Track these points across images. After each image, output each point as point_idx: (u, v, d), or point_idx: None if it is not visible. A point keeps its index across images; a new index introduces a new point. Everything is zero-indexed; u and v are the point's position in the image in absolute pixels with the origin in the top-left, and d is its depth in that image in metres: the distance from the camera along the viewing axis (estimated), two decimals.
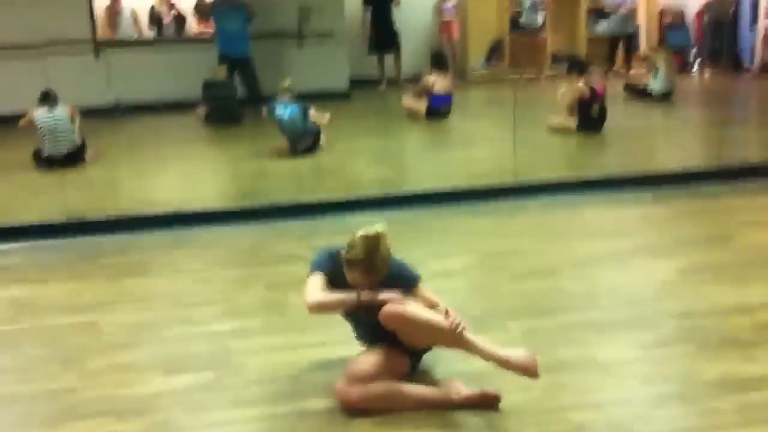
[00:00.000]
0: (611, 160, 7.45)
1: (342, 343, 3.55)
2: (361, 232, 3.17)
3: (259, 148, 8.09)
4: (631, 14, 12.53)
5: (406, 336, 3.20)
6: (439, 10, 12.52)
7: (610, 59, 12.57)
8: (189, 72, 10.61)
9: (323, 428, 3.04)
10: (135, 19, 11.91)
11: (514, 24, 12.69)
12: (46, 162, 7.71)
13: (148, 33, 11.96)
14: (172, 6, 12.10)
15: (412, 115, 9.49)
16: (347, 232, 3.26)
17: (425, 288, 3.33)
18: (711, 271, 4.46)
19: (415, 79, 12.19)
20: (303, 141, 7.83)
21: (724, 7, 12.44)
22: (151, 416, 3.20)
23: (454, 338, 3.08)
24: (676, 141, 8.12)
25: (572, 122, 8.30)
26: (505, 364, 3.09)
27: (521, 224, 5.60)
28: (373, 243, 3.14)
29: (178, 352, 3.75)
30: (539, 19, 12.68)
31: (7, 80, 10.66)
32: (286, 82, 8.21)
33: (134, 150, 8.58)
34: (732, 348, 3.53)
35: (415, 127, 9.13)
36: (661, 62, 9.95)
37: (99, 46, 10.92)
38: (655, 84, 9.92)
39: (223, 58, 10.12)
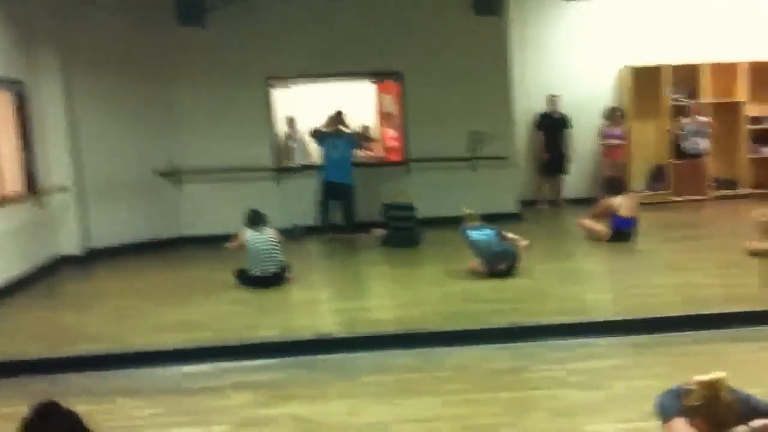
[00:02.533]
0: None
1: None
2: (697, 378, 3.12)
3: (452, 268, 8.15)
4: None
5: None
6: (604, 135, 12.66)
7: None
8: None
9: None
10: (305, 145, 12.50)
11: (677, 149, 12.65)
12: (252, 281, 7.97)
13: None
14: None
15: (591, 236, 9.45)
16: (587, 355, 3.16)
17: None
18: None
19: (579, 201, 12.39)
20: (500, 262, 7.85)
21: None
22: None
23: None
24: None
25: None
26: None
27: None
28: (711, 389, 3.07)
29: None
30: (702, 144, 12.59)
31: (192, 204, 11.39)
32: (469, 210, 8.38)
33: (328, 271, 8.78)
34: None
35: (603, 249, 9.03)
36: None
37: (279, 172, 11.49)
38: None
39: (326, 184, 10.48)
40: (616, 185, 9.79)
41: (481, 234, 8.00)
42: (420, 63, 11.53)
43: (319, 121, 11.26)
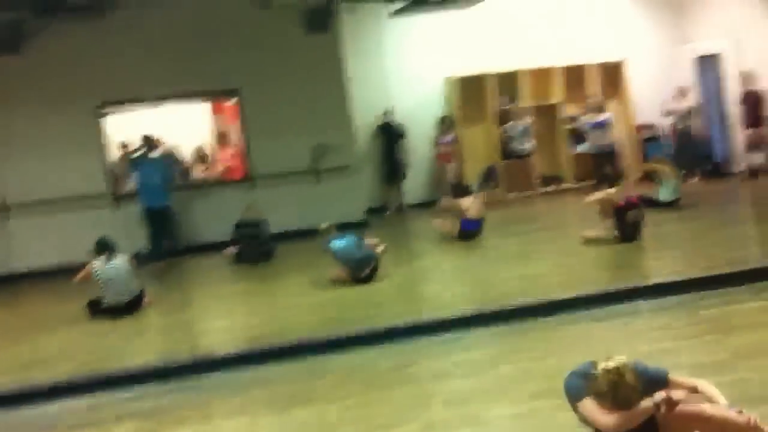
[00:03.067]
0: (667, 265, 7.74)
1: None
2: (601, 365, 3.27)
3: (313, 279, 8.18)
4: (606, 134, 13.31)
5: (680, 429, 3.26)
6: (437, 142, 13.19)
7: (599, 175, 13.25)
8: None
9: None
10: None
11: (506, 150, 13.38)
12: (105, 311, 7.59)
13: None
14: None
15: (444, 235, 9.79)
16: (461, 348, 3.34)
17: (676, 377, 3.46)
18: None
19: (420, 205, 12.83)
20: (364, 268, 7.96)
21: (688, 120, 13.54)
22: None
23: None
24: (729, 240, 8.41)
25: (608, 232, 8.66)
26: None
27: (637, 328, 5.81)
28: (616, 375, 3.22)
29: None
30: (528, 145, 13.40)
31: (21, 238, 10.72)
32: (324, 225, 8.48)
33: (184, 292, 8.54)
34: None
35: (453, 247, 9.37)
36: (667, 172, 10.61)
37: (116, 199, 11.03)
38: (665, 193, 10.52)
39: (146, 211, 10.24)
40: (462, 188, 10.22)
41: (343, 242, 8.07)
42: (257, 80, 11.49)
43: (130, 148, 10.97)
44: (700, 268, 6.94)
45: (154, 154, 10.58)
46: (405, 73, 13.37)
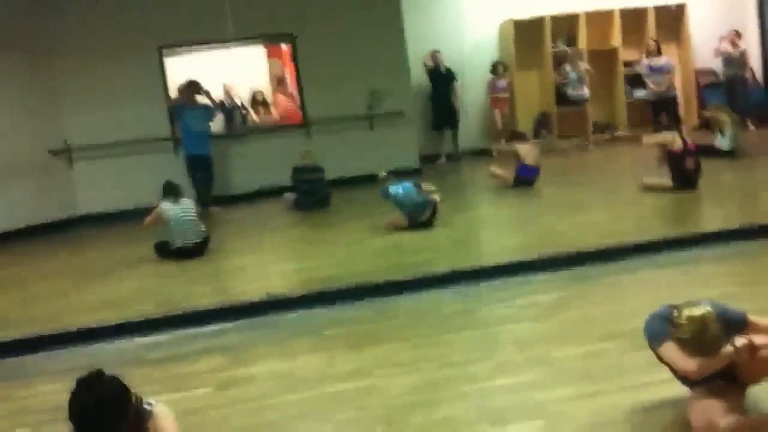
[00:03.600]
0: (727, 213, 7.72)
1: (659, 383, 3.75)
2: (686, 312, 3.31)
3: (372, 225, 8.31)
4: (666, 79, 13.12)
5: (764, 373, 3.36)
6: (491, 88, 13.12)
7: (656, 123, 13.10)
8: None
9: None
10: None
11: (561, 97, 13.25)
12: (176, 253, 7.83)
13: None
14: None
15: (501, 182, 9.84)
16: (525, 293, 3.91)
17: (755, 318, 3.52)
18: None
19: (474, 152, 12.85)
20: (422, 213, 8.09)
21: (737, 65, 13.27)
22: None
23: None
24: None
25: (667, 180, 8.63)
26: None
27: (702, 272, 5.86)
28: (701, 324, 3.27)
29: (490, 406, 3.90)
30: (584, 91, 13.25)
31: (87, 181, 11.06)
32: (383, 172, 8.58)
33: (248, 237, 8.76)
34: None
35: (510, 196, 9.43)
36: (727, 120, 10.48)
37: (178, 142, 11.23)
38: (724, 141, 10.41)
39: (189, 158, 10.44)
40: (518, 135, 10.25)
41: (401, 188, 8.19)
42: (312, 24, 11.56)
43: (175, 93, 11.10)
44: (760, 217, 6.93)
45: (200, 99, 10.66)
46: (461, 16, 13.32)
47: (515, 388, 4.08)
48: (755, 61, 13.90)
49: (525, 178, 9.71)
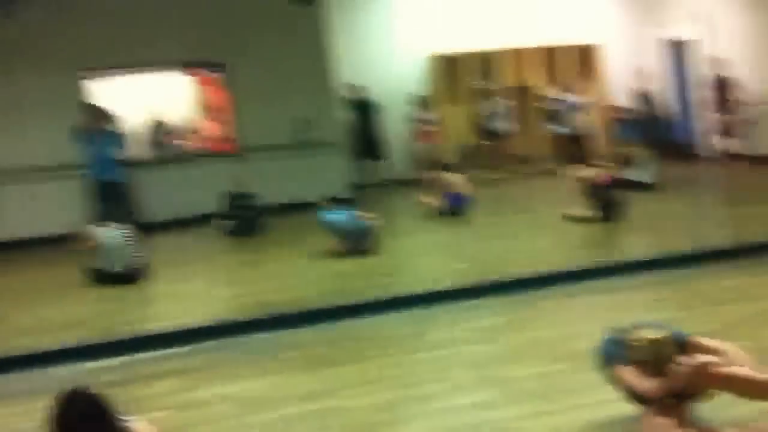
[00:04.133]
0: (645, 242, 8.17)
1: (610, 402, 3.94)
2: (644, 335, 3.55)
3: (312, 251, 8.39)
4: (582, 115, 13.71)
5: (711, 389, 3.60)
6: (417, 120, 13.46)
7: (571, 156, 13.67)
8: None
9: None
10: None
11: (485, 131, 13.71)
12: (111, 278, 7.71)
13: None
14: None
15: (431, 211, 10.09)
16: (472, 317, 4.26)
17: (695, 339, 3.78)
18: None
19: (400, 182, 13.11)
20: (361, 240, 8.23)
21: (648, 102, 14.08)
22: None
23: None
24: (705, 221, 8.98)
25: (589, 211, 9.03)
26: None
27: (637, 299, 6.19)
28: (659, 347, 3.52)
29: (450, 425, 4.03)
30: (506, 125, 13.73)
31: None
32: (322, 198, 8.73)
33: (185, 263, 8.69)
34: None
35: (443, 224, 9.68)
36: (642, 155, 11.10)
37: None
38: (640, 174, 10.98)
39: (97, 184, 10.07)
40: (448, 165, 10.56)
41: (339, 215, 8.32)
42: (242, 53, 11.62)
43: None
44: (679, 245, 7.37)
45: (108, 126, 10.28)
46: (392, 48, 13.60)
47: (472, 408, 4.24)
48: (665, 98, 14.71)
49: (455, 206, 9.99)
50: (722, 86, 12.76)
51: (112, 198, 10.12)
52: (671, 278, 6.58)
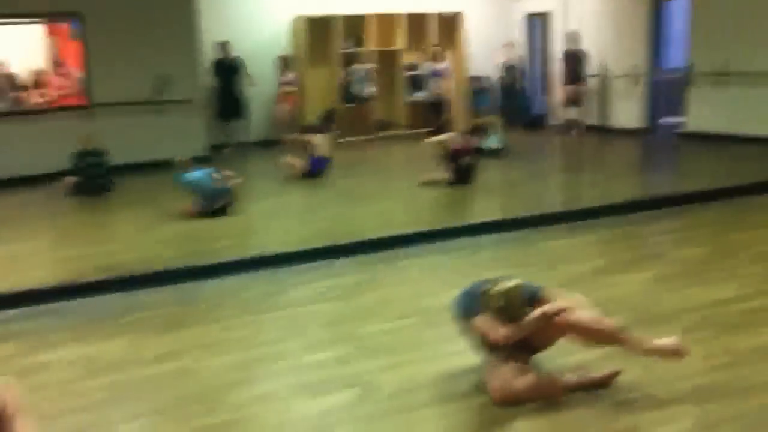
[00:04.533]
0: (497, 205, 8.52)
1: (458, 353, 4.11)
2: (500, 285, 3.75)
3: (163, 211, 8.21)
4: (443, 82, 14.00)
5: (558, 336, 3.79)
6: (279, 82, 13.30)
7: (429, 123, 13.93)
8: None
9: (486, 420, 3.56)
10: None
11: (346, 94, 13.73)
12: None
13: None
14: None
15: (291, 173, 10.03)
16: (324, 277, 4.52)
17: (549, 290, 3.95)
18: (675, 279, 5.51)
19: (261, 143, 12.95)
20: (218, 200, 8.07)
21: (513, 73, 14.60)
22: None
23: (613, 336, 3.69)
24: (553, 186, 9.41)
25: (443, 175, 9.26)
26: (656, 351, 3.70)
27: (485, 258, 6.42)
28: (512, 295, 3.72)
29: (306, 380, 4.04)
30: (368, 90, 13.82)
31: None
32: (180, 157, 8.48)
33: (24, 223, 8.25)
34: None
35: (302, 185, 9.65)
36: (495, 123, 11.49)
37: None
38: (492, 142, 11.36)
39: None
40: (313, 127, 10.53)
41: (198, 174, 8.12)
42: (101, 4, 11.05)
43: None
44: (527, 208, 7.71)
45: None
46: (254, 9, 13.34)
47: (327, 363, 4.27)
48: (525, 70, 15.20)
49: (317, 168, 9.97)
50: (573, 59, 13.33)
51: None
52: (512, 239, 6.89)
